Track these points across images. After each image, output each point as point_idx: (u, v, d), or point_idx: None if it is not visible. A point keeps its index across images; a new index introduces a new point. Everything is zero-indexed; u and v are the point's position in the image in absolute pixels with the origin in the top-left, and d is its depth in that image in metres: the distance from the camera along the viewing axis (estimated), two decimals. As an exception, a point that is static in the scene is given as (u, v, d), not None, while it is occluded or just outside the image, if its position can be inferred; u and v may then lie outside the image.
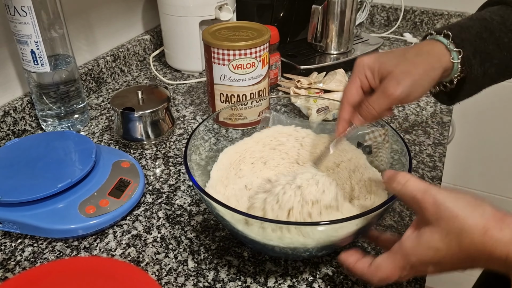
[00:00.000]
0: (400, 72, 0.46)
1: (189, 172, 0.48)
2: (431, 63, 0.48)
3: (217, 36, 0.71)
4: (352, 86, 0.49)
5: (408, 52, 0.48)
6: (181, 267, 0.51)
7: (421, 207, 0.37)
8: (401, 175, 0.39)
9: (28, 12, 0.64)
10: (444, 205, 0.35)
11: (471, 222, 0.34)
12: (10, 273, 0.51)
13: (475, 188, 1.59)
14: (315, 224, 0.44)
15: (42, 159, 0.60)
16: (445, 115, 0.81)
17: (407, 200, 0.39)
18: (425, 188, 0.37)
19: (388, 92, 0.46)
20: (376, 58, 0.48)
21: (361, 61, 0.48)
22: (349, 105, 0.50)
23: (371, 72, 0.47)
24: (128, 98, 0.72)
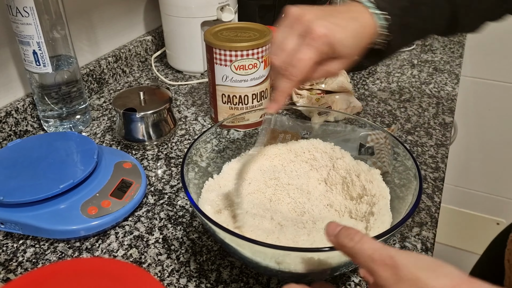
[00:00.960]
0: (349, 58, 0.47)
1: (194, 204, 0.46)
2: (367, 39, 0.49)
3: (219, 37, 0.71)
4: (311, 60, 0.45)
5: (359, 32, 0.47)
6: (183, 268, 0.51)
7: (378, 268, 0.32)
8: (354, 231, 0.35)
9: (30, 12, 0.64)
10: (403, 265, 0.31)
11: (435, 284, 0.30)
12: (12, 274, 0.51)
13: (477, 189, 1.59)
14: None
15: (44, 160, 0.60)
16: (447, 116, 0.81)
17: (361, 260, 0.34)
18: (381, 247, 0.33)
19: (332, 72, 0.48)
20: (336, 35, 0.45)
21: (322, 33, 0.44)
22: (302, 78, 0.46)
23: (330, 49, 0.45)
24: (130, 99, 0.72)
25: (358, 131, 0.62)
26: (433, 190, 0.63)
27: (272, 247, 0.39)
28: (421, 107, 0.84)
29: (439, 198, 0.62)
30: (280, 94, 0.47)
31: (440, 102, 0.86)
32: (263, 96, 0.75)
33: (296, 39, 0.45)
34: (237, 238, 0.40)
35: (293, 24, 0.46)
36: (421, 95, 0.89)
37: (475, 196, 1.60)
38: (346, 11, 0.48)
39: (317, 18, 0.45)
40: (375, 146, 0.60)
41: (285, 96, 0.48)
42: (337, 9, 0.48)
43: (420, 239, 0.55)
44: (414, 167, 0.50)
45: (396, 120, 0.80)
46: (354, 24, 0.47)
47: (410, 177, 0.53)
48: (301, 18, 0.45)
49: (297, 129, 0.67)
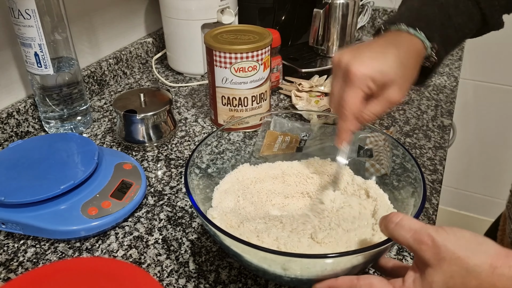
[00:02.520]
0: (402, 80, 0.47)
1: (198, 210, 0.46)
2: (418, 62, 0.50)
3: (219, 39, 0.72)
4: (356, 99, 0.47)
5: (399, 53, 0.48)
6: (182, 268, 0.51)
7: (419, 248, 0.34)
8: (394, 214, 0.37)
9: (32, 15, 0.65)
10: (444, 246, 0.33)
11: (476, 262, 0.32)
12: (13, 273, 0.51)
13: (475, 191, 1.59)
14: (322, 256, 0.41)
15: (45, 161, 0.60)
16: (445, 119, 0.81)
17: (402, 240, 0.36)
18: (421, 227, 0.35)
19: (392, 100, 0.48)
20: (374, 67, 0.46)
21: (359, 72, 0.46)
22: (353, 117, 0.48)
23: (373, 82, 0.47)
24: (130, 100, 0.72)
25: (357, 133, 0.63)
26: (431, 192, 0.64)
27: (277, 253, 0.40)
28: (420, 110, 0.85)
29: (436, 200, 0.62)
30: (340, 132, 0.50)
31: (439, 105, 0.86)
32: (262, 98, 0.76)
33: (341, 82, 0.48)
34: (246, 246, 0.40)
35: (336, 71, 0.49)
36: (420, 97, 0.89)
37: (473, 198, 1.60)
38: (382, 39, 0.50)
39: (352, 58, 0.47)
40: (373, 148, 0.61)
41: (345, 134, 0.49)
42: (374, 41, 0.50)
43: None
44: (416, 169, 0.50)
45: (395, 122, 0.81)
46: (391, 48, 0.48)
47: (409, 180, 0.53)
48: (340, 63, 0.48)
49: (296, 131, 0.67)
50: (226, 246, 0.44)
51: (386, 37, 0.50)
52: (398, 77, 0.47)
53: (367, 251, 0.39)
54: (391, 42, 0.49)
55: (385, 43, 0.49)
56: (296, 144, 0.66)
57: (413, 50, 0.50)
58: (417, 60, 0.50)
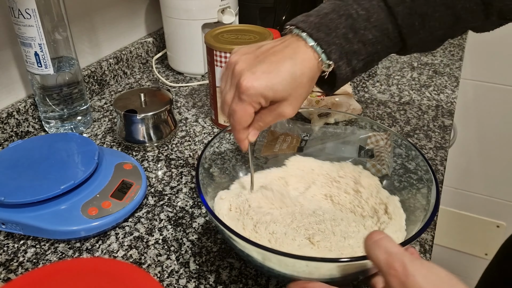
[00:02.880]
0: (294, 98, 0.47)
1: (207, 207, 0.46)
2: (312, 79, 0.48)
3: (220, 39, 0.72)
4: (245, 113, 0.46)
5: (294, 70, 0.46)
6: (182, 269, 0.51)
7: (389, 272, 0.33)
8: (376, 231, 0.36)
9: (32, 14, 0.65)
10: (413, 276, 0.31)
11: None
12: (13, 274, 0.51)
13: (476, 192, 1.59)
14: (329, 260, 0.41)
15: (45, 161, 0.60)
16: (446, 119, 0.81)
17: (375, 259, 0.35)
18: (397, 252, 0.33)
19: (284, 115, 0.47)
20: (266, 85, 0.45)
21: (250, 87, 0.44)
22: (244, 129, 0.48)
23: (264, 99, 0.46)
24: (130, 100, 0.72)
25: (358, 134, 0.63)
26: (432, 192, 0.63)
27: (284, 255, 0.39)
28: (420, 110, 0.84)
29: (438, 201, 0.62)
30: (238, 142, 0.49)
31: (439, 105, 0.86)
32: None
33: (232, 90, 0.47)
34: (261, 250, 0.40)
35: (229, 74, 0.48)
36: (421, 97, 0.89)
37: (474, 199, 1.60)
38: (282, 50, 0.47)
39: (246, 69, 0.45)
40: (374, 148, 0.61)
41: (242, 143, 0.49)
42: (273, 50, 0.47)
43: (418, 241, 0.55)
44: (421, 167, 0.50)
45: (395, 122, 0.80)
46: (286, 65, 0.45)
47: (411, 180, 0.53)
48: (234, 69, 0.46)
49: (297, 131, 0.67)
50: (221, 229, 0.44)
51: (286, 46, 0.47)
52: (288, 95, 0.46)
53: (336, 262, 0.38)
54: (289, 56, 0.46)
55: (283, 57, 0.46)
56: (297, 144, 0.66)
57: (309, 66, 0.47)
58: (313, 76, 0.47)
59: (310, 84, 0.48)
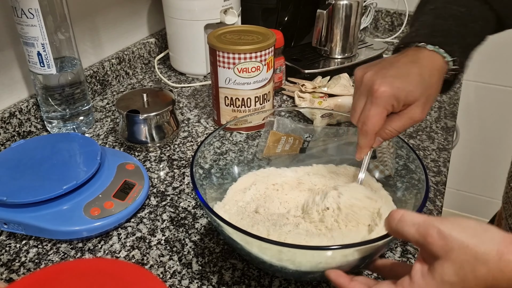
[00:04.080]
0: (425, 99, 0.48)
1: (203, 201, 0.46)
2: (440, 79, 0.50)
3: (223, 40, 0.72)
4: (378, 117, 0.48)
5: (422, 72, 0.48)
6: (185, 269, 0.51)
7: (426, 241, 0.34)
8: (394, 211, 0.37)
9: (35, 14, 0.65)
10: (451, 236, 0.33)
11: (483, 249, 0.32)
12: (15, 274, 0.51)
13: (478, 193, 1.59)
14: (321, 248, 0.41)
15: (47, 161, 0.60)
16: (449, 120, 0.81)
17: (407, 236, 0.36)
18: (424, 219, 0.35)
19: (415, 117, 0.49)
20: (399, 87, 0.47)
21: (384, 90, 0.46)
22: (375, 134, 0.50)
23: (397, 101, 0.47)
24: (133, 100, 0.72)
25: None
26: (435, 194, 0.63)
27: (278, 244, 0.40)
28: (423, 111, 0.84)
29: (441, 202, 0.62)
30: (361, 148, 0.51)
31: (442, 106, 0.86)
32: (265, 99, 0.76)
33: (363, 99, 0.49)
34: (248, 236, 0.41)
35: (358, 87, 0.50)
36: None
37: (476, 200, 1.60)
38: (404, 57, 0.50)
39: (376, 76, 0.47)
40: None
41: (366, 150, 0.51)
42: (396, 59, 0.50)
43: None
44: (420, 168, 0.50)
45: (398, 123, 0.80)
46: (414, 68, 0.48)
47: (413, 181, 0.53)
48: (364, 79, 0.49)
49: (299, 132, 0.67)
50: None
51: (408, 55, 0.50)
52: (421, 96, 0.48)
53: (361, 245, 0.39)
54: (413, 61, 0.49)
55: (408, 62, 0.49)
56: (300, 145, 0.66)
57: (436, 67, 0.50)
58: (440, 77, 0.50)
59: (438, 84, 0.50)
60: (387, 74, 0.47)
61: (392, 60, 0.50)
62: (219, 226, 0.44)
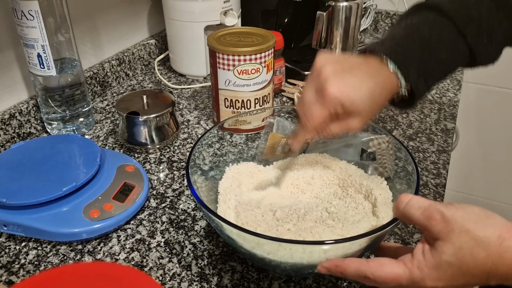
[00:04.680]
0: (366, 114, 0.48)
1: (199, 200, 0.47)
2: (389, 98, 0.50)
3: (223, 42, 0.72)
4: (321, 116, 0.48)
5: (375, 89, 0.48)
6: (184, 272, 0.51)
7: (429, 223, 0.36)
8: (403, 195, 0.39)
9: (35, 16, 0.65)
10: (453, 219, 0.35)
11: (485, 233, 0.34)
12: (14, 276, 0.51)
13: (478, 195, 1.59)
14: (319, 243, 0.42)
15: (47, 162, 0.60)
16: (449, 122, 0.81)
17: (413, 218, 0.38)
18: (430, 203, 0.37)
19: (351, 128, 0.49)
20: (348, 95, 0.46)
21: (333, 93, 0.46)
22: (314, 129, 0.50)
23: (342, 108, 0.47)
24: (133, 102, 0.72)
25: (360, 136, 0.62)
26: (434, 196, 0.63)
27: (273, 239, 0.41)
28: (423, 113, 0.84)
29: (440, 204, 0.62)
30: (296, 137, 0.52)
31: (442, 108, 0.86)
32: (265, 101, 0.76)
33: (314, 93, 0.49)
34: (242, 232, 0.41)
35: (313, 78, 0.49)
36: (423, 100, 0.89)
37: (476, 202, 1.59)
38: (364, 66, 0.49)
39: (333, 76, 0.47)
40: (377, 151, 0.60)
41: (301, 141, 0.52)
42: (356, 64, 0.49)
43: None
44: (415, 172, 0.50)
45: (398, 125, 0.80)
46: (369, 82, 0.47)
47: (410, 183, 0.53)
48: (320, 73, 0.48)
49: (299, 134, 0.67)
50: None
51: (368, 66, 0.49)
52: (364, 110, 0.48)
53: (365, 236, 0.40)
54: (371, 74, 0.48)
55: (366, 74, 0.48)
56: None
57: (388, 88, 0.49)
58: (388, 97, 0.50)
59: (383, 103, 0.51)
60: (344, 79, 0.47)
61: (354, 64, 0.49)
62: (218, 226, 0.45)
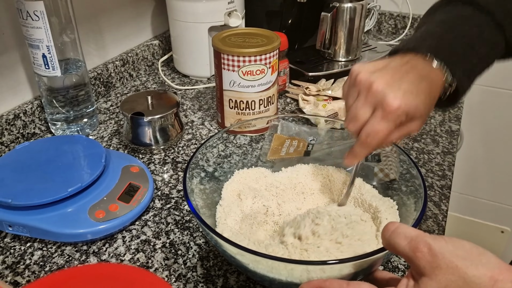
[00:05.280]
0: (426, 115, 0.48)
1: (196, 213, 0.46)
2: (439, 93, 0.49)
3: (227, 43, 0.72)
4: (387, 132, 0.46)
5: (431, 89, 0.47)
6: (190, 273, 0.51)
7: (414, 256, 0.33)
8: (390, 222, 0.36)
9: (40, 16, 0.65)
10: (441, 254, 0.31)
11: (475, 273, 0.30)
12: (20, 276, 0.51)
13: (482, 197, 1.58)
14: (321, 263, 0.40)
15: (52, 163, 0.60)
16: (453, 124, 0.81)
17: (398, 248, 0.34)
18: (418, 234, 0.33)
19: (413, 131, 0.48)
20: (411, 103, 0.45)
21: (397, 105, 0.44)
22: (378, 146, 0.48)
23: (406, 117, 0.46)
24: (137, 103, 0.72)
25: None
26: (440, 198, 0.63)
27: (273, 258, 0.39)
28: (427, 115, 0.84)
29: (446, 206, 0.62)
30: (355, 156, 0.49)
31: (446, 110, 0.86)
32: (270, 102, 0.75)
33: (370, 109, 0.46)
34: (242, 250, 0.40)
35: (363, 93, 0.47)
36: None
37: (480, 204, 1.59)
38: (413, 70, 0.47)
39: (388, 88, 0.45)
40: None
41: (359, 159, 0.50)
42: (404, 69, 0.47)
43: (427, 247, 0.55)
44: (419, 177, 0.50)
45: (402, 127, 0.80)
46: (424, 85, 0.46)
47: (416, 185, 0.53)
48: (371, 88, 0.46)
49: (303, 135, 0.67)
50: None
51: (416, 67, 0.48)
52: (425, 113, 0.47)
53: (353, 261, 0.38)
54: (422, 76, 0.47)
55: (418, 76, 0.47)
56: (304, 148, 0.65)
57: (439, 85, 0.49)
58: (439, 94, 0.49)
59: (435, 101, 0.49)
60: (401, 88, 0.45)
61: (400, 69, 0.48)
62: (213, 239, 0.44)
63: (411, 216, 0.51)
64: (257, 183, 0.59)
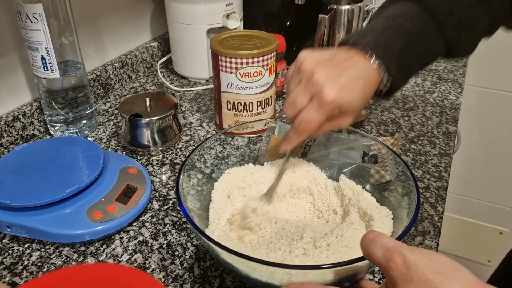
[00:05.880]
0: (358, 112, 0.50)
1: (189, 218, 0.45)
2: (374, 90, 0.51)
3: (225, 45, 0.72)
4: (319, 122, 0.48)
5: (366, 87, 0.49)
6: (187, 274, 0.51)
7: (388, 266, 0.32)
8: (370, 231, 0.36)
9: (39, 19, 0.65)
10: (415, 266, 0.30)
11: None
12: (18, 277, 0.51)
13: (481, 198, 1.59)
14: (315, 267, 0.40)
15: (50, 165, 0.60)
16: (450, 125, 0.81)
17: (374, 257, 0.34)
18: (394, 244, 0.33)
19: (343, 126, 0.50)
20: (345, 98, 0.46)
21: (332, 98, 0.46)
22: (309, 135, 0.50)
23: (339, 110, 0.47)
24: (136, 104, 0.73)
25: (362, 140, 0.63)
26: (436, 199, 0.63)
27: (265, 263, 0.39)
28: (424, 116, 0.84)
29: (442, 207, 0.62)
30: (289, 141, 0.52)
31: (443, 111, 0.86)
32: (267, 104, 0.76)
33: (308, 98, 0.48)
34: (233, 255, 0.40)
35: (304, 81, 0.48)
36: (425, 103, 0.89)
37: (478, 205, 1.59)
38: (353, 67, 0.49)
39: (328, 80, 0.46)
40: (378, 154, 0.61)
41: (292, 144, 0.52)
42: (346, 64, 0.48)
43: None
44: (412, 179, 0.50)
45: (399, 128, 0.80)
46: (360, 82, 0.48)
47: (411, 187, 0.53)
48: (312, 78, 0.47)
49: (301, 137, 0.67)
50: None
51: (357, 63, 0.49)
52: (357, 109, 0.49)
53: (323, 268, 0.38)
54: (361, 74, 0.49)
55: (357, 73, 0.48)
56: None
57: (374, 83, 0.50)
58: (374, 91, 0.51)
59: (369, 99, 0.51)
60: (339, 82, 0.47)
61: (342, 62, 0.49)
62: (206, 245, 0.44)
63: (406, 218, 0.52)
64: (244, 182, 0.59)
